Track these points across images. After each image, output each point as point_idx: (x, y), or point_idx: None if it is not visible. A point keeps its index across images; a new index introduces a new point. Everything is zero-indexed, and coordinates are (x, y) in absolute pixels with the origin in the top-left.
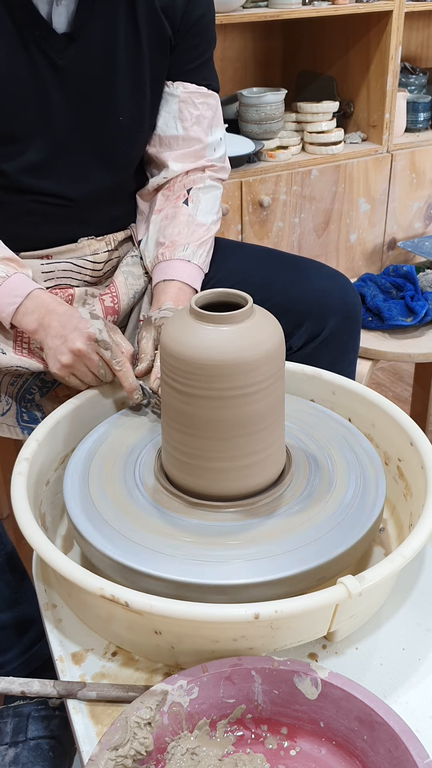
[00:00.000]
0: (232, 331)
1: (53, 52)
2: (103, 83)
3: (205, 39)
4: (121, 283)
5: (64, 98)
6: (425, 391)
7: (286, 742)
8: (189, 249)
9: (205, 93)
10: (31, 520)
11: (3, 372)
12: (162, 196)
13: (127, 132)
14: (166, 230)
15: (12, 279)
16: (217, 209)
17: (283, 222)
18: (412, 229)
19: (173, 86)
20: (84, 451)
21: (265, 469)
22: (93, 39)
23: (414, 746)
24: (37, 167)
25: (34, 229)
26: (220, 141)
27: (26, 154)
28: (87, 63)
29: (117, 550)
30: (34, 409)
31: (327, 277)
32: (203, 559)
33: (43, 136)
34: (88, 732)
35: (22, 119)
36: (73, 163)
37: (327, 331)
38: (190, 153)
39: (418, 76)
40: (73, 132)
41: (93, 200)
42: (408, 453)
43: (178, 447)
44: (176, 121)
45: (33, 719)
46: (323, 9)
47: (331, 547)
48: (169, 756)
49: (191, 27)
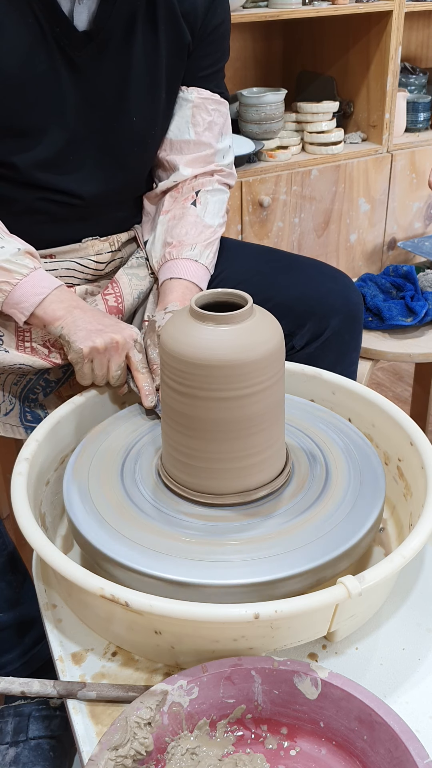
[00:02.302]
0: (232, 331)
1: (71, 49)
2: (119, 83)
3: (220, 48)
4: (125, 283)
5: (78, 95)
6: (425, 391)
7: (286, 742)
8: (196, 249)
9: (218, 100)
10: (31, 520)
11: (6, 371)
12: (170, 197)
13: (139, 133)
14: (173, 230)
15: (39, 272)
16: (224, 213)
17: (283, 222)
18: (412, 229)
19: (188, 91)
20: (84, 451)
21: (265, 469)
22: (111, 39)
23: (414, 746)
24: (48, 163)
25: (40, 228)
26: (229, 148)
27: (38, 149)
28: (104, 62)
29: (117, 549)
30: (37, 408)
31: (329, 277)
32: (203, 559)
33: (56, 132)
34: (88, 732)
35: (35, 113)
36: (85, 162)
37: (329, 331)
38: (200, 158)
39: (418, 76)
40: (86, 130)
41: (102, 200)
42: (408, 453)
43: (177, 447)
44: (189, 125)
45: (33, 719)
46: (323, 9)
47: (331, 547)
48: (169, 756)
49: (209, 34)
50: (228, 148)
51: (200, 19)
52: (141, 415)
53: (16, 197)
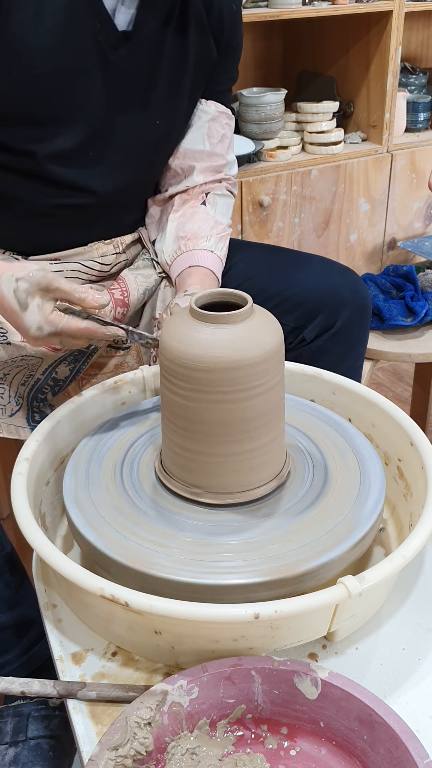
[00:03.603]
0: (232, 331)
1: (107, 46)
2: (145, 86)
3: (235, 66)
4: (131, 280)
5: (106, 93)
6: (425, 391)
7: (286, 742)
8: (211, 240)
9: (230, 115)
10: (31, 520)
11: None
12: (179, 199)
13: (159, 136)
14: (186, 225)
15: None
16: (230, 215)
17: (283, 222)
18: (412, 229)
19: (206, 104)
20: (84, 451)
21: (264, 470)
22: (145, 41)
23: (414, 746)
24: (65, 155)
25: (49, 233)
26: (234, 162)
27: (57, 140)
28: (134, 63)
29: (116, 549)
30: (46, 408)
31: (338, 272)
32: (203, 558)
33: (78, 125)
34: (88, 732)
35: (60, 104)
36: (102, 158)
37: (339, 324)
38: (212, 167)
39: (418, 76)
40: (108, 127)
41: (112, 198)
42: (408, 453)
43: (177, 447)
44: (204, 137)
45: (33, 719)
46: (323, 9)
47: (331, 547)
48: (169, 756)
49: (232, 51)
50: (234, 161)
51: (225, 36)
52: (141, 415)
53: (27, 198)
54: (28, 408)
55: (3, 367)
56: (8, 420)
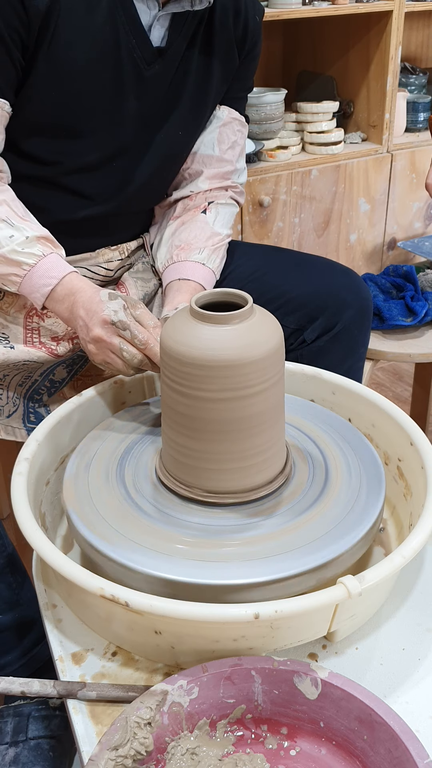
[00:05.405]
0: (232, 331)
1: (142, 62)
2: (171, 100)
3: (252, 74)
4: (132, 285)
5: (137, 107)
6: (425, 391)
7: (286, 742)
8: (204, 252)
9: (243, 122)
10: (31, 520)
11: (13, 370)
12: (181, 204)
13: (180, 147)
14: (182, 234)
15: (48, 259)
16: (231, 224)
17: (283, 222)
18: (412, 229)
19: (220, 109)
20: (84, 451)
21: (265, 469)
22: (175, 56)
23: (414, 746)
24: (91, 166)
25: (60, 240)
26: (244, 170)
27: (86, 152)
28: (165, 79)
29: (117, 549)
30: (41, 408)
31: (340, 273)
32: (203, 559)
33: (108, 139)
34: (88, 732)
35: (95, 119)
36: (125, 169)
37: (340, 325)
38: (220, 173)
39: (418, 76)
40: (136, 140)
41: (128, 208)
42: (408, 453)
43: (177, 447)
44: (215, 142)
45: (33, 719)
46: (323, 9)
47: (331, 547)
48: (169, 756)
49: (251, 60)
50: (243, 169)
51: (248, 45)
52: (141, 415)
53: (47, 207)
54: (25, 409)
55: (2, 370)
56: (6, 421)
